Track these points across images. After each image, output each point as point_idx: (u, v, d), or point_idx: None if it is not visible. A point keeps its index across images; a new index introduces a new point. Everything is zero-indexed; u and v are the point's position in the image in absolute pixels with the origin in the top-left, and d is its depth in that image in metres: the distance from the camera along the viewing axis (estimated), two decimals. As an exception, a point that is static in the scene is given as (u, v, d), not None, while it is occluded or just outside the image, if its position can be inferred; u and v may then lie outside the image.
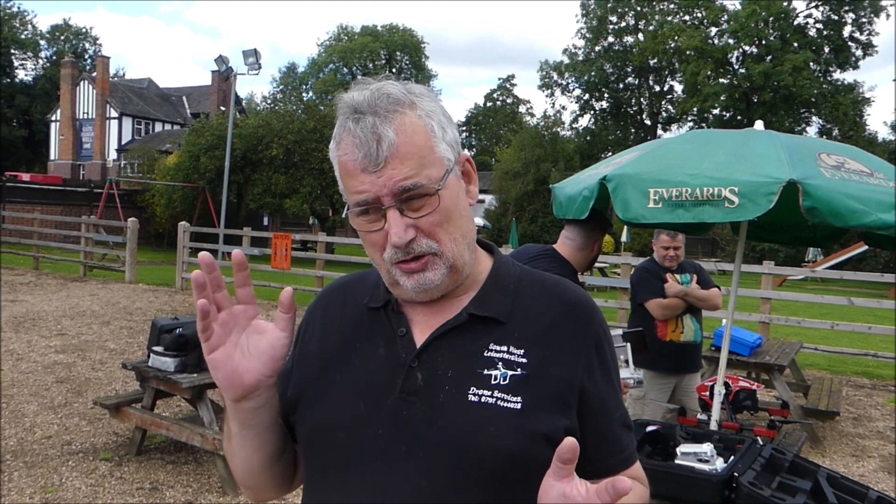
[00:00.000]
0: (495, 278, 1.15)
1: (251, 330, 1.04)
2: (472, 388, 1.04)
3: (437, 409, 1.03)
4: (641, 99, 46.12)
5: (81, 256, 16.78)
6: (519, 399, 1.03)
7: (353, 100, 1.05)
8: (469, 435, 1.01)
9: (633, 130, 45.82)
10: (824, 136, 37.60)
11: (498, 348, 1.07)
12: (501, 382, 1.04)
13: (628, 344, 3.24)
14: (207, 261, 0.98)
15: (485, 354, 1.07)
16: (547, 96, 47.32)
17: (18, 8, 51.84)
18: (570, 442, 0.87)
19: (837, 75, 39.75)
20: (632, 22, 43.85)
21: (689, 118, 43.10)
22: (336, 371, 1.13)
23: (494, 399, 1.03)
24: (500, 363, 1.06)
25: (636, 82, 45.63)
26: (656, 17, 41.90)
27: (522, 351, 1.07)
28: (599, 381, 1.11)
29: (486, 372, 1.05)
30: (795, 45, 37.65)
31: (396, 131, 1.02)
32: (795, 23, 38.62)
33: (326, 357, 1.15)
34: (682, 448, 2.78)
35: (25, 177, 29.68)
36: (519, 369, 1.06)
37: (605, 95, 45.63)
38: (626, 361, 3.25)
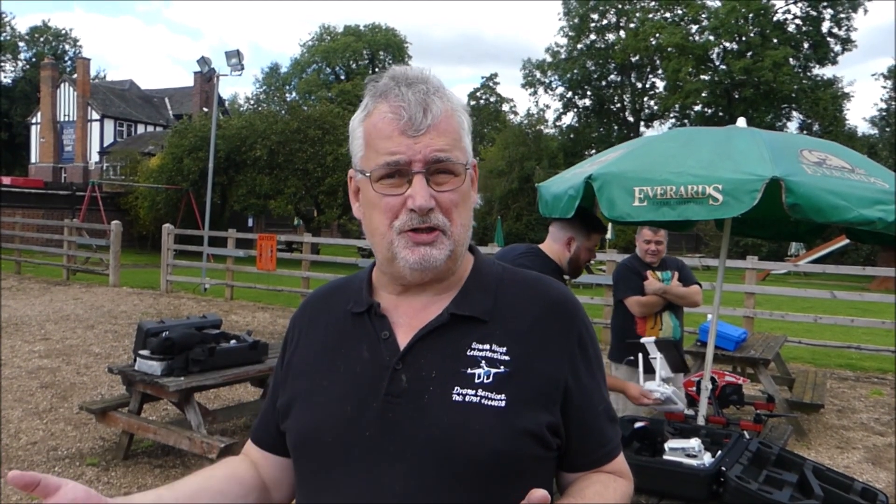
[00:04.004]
0: (476, 277, 1.17)
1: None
2: (456, 388, 1.05)
3: (423, 411, 1.04)
4: (624, 96, 46.27)
5: (64, 260, 16.65)
6: (503, 397, 1.04)
7: (405, 71, 1.10)
8: (455, 435, 1.02)
9: (616, 127, 45.97)
10: (805, 132, 37.94)
11: (481, 347, 1.08)
12: (485, 381, 1.05)
13: (661, 356, 3.21)
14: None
15: (468, 354, 1.08)
16: (530, 94, 47.50)
17: (-4, 10, 51.05)
18: (540, 494, 0.88)
19: (817, 71, 40.11)
20: (613, 19, 44.00)
21: (672, 115, 43.33)
22: (322, 377, 1.13)
23: (479, 398, 1.04)
24: (484, 362, 1.07)
25: (618, 79, 45.78)
26: (637, 14, 42.07)
27: (505, 349, 1.08)
28: (583, 376, 1.13)
29: (469, 371, 1.06)
30: (775, 41, 37.92)
31: (442, 108, 1.07)
32: (775, 19, 38.91)
33: (312, 364, 1.17)
34: (670, 443, 2.80)
35: (6, 180, 29.25)
36: (502, 367, 1.07)
37: (588, 93, 45.73)
38: (657, 373, 3.21)
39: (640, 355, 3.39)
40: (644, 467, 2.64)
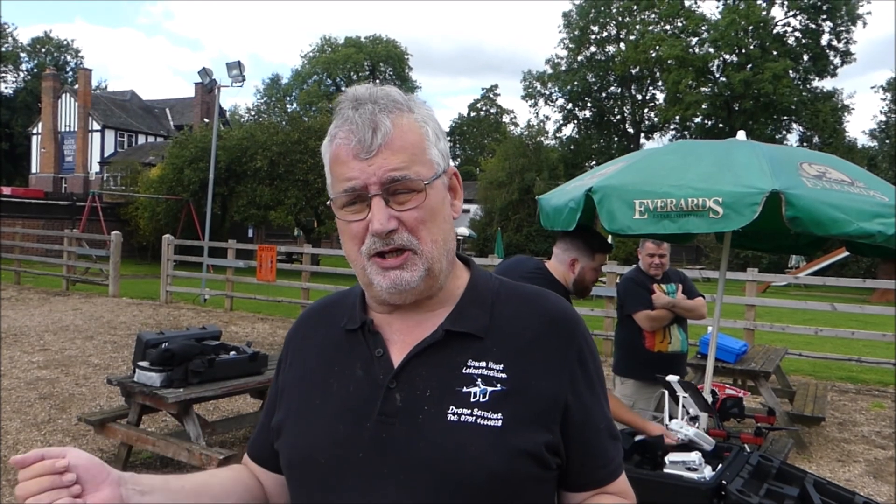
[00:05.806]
0: (472, 292, 1.14)
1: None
2: (451, 408, 1.03)
3: (417, 431, 1.02)
4: (624, 108, 46.43)
5: (64, 270, 16.65)
6: (499, 416, 1.02)
7: (356, 91, 1.08)
8: (450, 456, 1.00)
9: (616, 139, 46.11)
10: (805, 144, 38.08)
11: (477, 364, 1.06)
12: (481, 399, 1.03)
13: (688, 394, 3.21)
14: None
15: (463, 371, 1.05)
16: (530, 106, 47.48)
17: (-1, 21, 51.28)
18: None
19: (816, 83, 40.28)
20: (613, 32, 44.20)
21: (672, 126, 43.44)
22: (316, 396, 1.12)
23: (474, 417, 1.02)
24: (479, 380, 1.04)
25: (618, 91, 45.95)
26: (637, 26, 42.25)
27: (502, 366, 1.06)
28: (583, 393, 1.10)
29: (464, 389, 1.04)
30: (775, 53, 38.09)
31: (393, 123, 1.04)
32: (774, 31, 39.09)
33: (307, 382, 1.15)
34: (671, 457, 2.79)
35: (7, 190, 29.39)
36: (499, 385, 1.04)
37: (588, 104, 45.88)
38: (679, 411, 3.19)
39: (666, 394, 3.37)
40: (645, 481, 2.63)
